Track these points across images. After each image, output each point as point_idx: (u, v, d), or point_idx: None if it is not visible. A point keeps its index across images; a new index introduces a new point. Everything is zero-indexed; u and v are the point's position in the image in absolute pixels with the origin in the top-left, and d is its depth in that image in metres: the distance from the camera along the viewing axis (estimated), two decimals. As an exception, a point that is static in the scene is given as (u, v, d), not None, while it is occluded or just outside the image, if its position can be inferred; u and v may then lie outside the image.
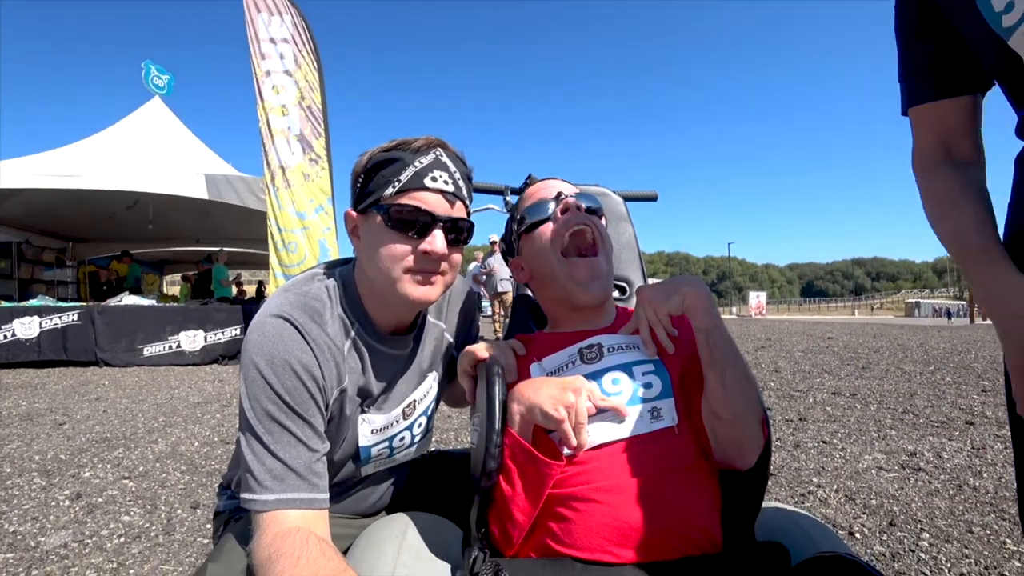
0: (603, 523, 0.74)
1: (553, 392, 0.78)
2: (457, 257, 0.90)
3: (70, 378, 6.18)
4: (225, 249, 10.89)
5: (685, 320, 0.87)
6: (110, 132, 9.20)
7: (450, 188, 0.85)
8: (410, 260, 0.83)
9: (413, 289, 0.84)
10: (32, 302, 7.72)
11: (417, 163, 0.83)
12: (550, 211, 0.98)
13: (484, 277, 9.52)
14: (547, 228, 0.98)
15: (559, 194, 0.99)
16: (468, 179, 0.92)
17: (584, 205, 0.98)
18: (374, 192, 0.84)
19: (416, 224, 0.83)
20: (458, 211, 0.87)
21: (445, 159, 0.85)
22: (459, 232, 0.88)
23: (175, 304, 8.74)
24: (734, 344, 0.82)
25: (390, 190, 0.82)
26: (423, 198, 0.83)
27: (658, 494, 0.75)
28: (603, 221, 1.03)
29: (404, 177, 0.82)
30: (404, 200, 0.82)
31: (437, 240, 0.83)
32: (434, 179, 0.83)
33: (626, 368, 0.88)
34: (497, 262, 9.11)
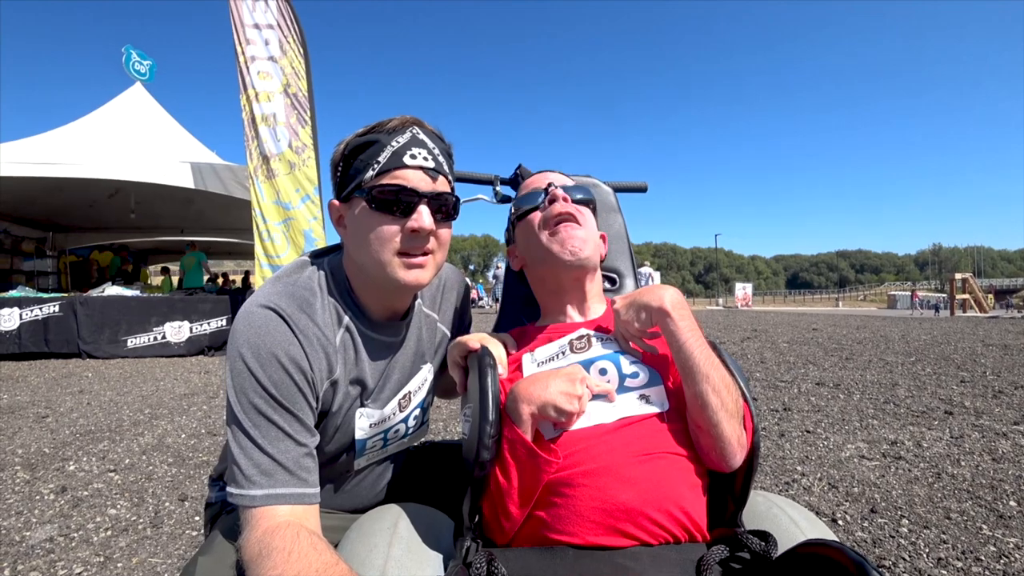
0: (591, 507, 0.75)
1: (563, 387, 0.79)
2: (445, 234, 0.88)
3: (52, 370, 6.09)
4: (199, 239, 10.78)
5: None
6: (90, 119, 9.00)
7: (430, 164, 0.84)
8: (398, 241, 0.82)
9: (405, 273, 0.83)
10: (12, 293, 7.57)
11: (394, 143, 0.82)
12: (540, 200, 1.03)
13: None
14: (536, 215, 1.03)
15: (549, 184, 1.04)
16: (448, 155, 0.91)
17: (572, 196, 1.03)
18: (355, 178, 0.83)
19: (401, 203, 0.81)
20: (441, 186, 0.86)
21: (422, 136, 0.85)
22: (444, 207, 0.86)
23: (160, 295, 8.62)
24: (709, 352, 0.82)
25: (370, 173, 0.81)
26: (405, 176, 0.82)
27: (644, 476, 0.76)
28: (594, 212, 1.07)
29: (383, 158, 0.81)
30: (386, 180, 0.81)
31: (424, 216, 0.82)
32: (413, 156, 0.82)
33: (613, 358, 0.89)
34: None
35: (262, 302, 0.80)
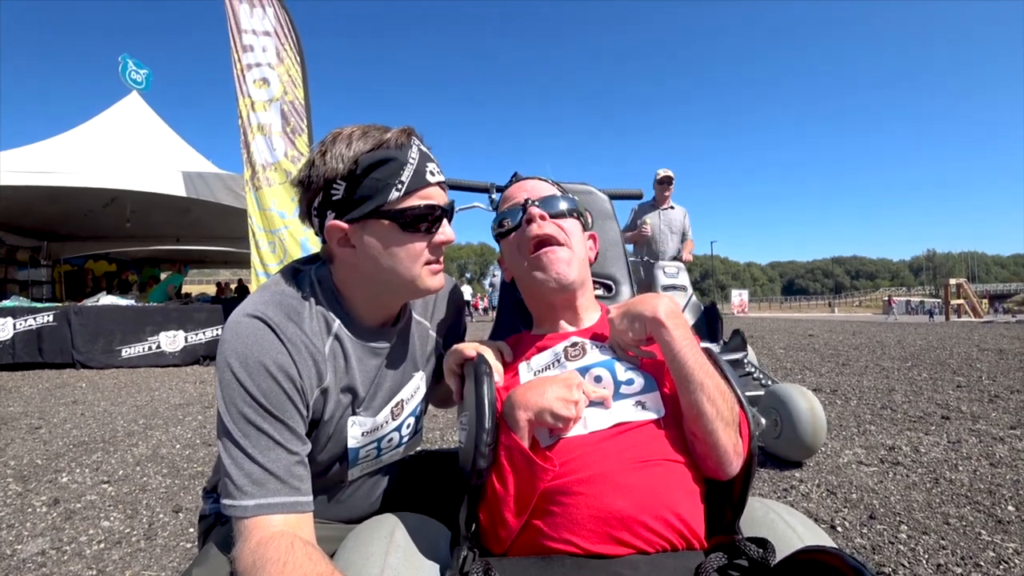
0: (587, 515, 0.74)
1: (560, 393, 0.79)
2: None
3: (46, 381, 6.03)
4: (195, 248, 10.72)
5: None
6: (86, 128, 8.97)
7: (442, 177, 0.87)
8: (427, 254, 0.86)
9: (432, 280, 0.89)
10: (5, 303, 7.51)
11: (410, 159, 0.82)
12: (518, 219, 1.01)
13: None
14: (515, 236, 1.01)
15: (527, 201, 1.01)
16: None
17: (550, 212, 1.00)
18: (372, 198, 0.81)
19: (429, 220, 0.84)
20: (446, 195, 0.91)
21: (424, 148, 0.86)
22: (451, 214, 0.91)
23: (154, 304, 8.58)
24: (704, 360, 0.82)
25: (395, 193, 0.81)
26: (430, 194, 0.84)
27: (639, 484, 0.76)
28: (580, 220, 1.05)
29: (406, 178, 0.81)
30: (414, 201, 0.83)
31: (450, 230, 0.88)
32: (432, 173, 0.85)
33: (608, 365, 0.89)
34: None
35: (249, 311, 0.80)
